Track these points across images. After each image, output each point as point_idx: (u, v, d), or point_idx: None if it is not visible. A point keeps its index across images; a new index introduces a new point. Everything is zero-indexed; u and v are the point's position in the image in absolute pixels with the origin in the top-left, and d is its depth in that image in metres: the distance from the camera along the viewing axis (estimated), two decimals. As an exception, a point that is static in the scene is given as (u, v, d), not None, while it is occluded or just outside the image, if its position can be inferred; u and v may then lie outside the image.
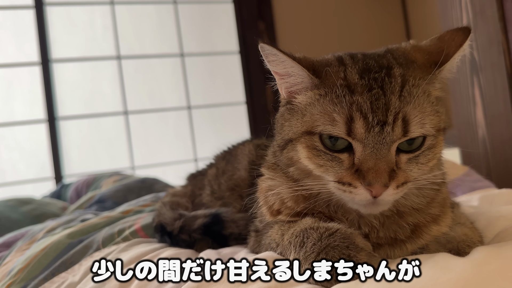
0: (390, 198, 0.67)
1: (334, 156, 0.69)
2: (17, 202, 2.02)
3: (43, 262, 1.13)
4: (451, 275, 0.51)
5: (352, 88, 0.69)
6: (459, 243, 0.73)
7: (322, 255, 0.65)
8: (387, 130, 0.66)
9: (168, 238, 1.08)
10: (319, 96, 0.71)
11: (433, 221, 0.77)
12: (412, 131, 0.68)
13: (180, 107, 3.56)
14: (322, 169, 0.70)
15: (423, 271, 0.55)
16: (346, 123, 0.67)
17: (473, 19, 1.90)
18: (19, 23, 3.22)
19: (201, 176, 1.34)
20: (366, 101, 0.67)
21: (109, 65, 3.41)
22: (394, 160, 0.68)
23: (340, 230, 0.69)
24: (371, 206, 0.69)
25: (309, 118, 0.72)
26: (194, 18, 3.65)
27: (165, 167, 3.42)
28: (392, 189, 0.66)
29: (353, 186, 0.67)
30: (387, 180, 0.65)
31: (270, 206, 0.84)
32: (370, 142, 0.66)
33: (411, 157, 0.69)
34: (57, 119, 3.25)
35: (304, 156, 0.72)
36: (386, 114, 0.66)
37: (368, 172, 0.65)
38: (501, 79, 1.79)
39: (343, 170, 0.69)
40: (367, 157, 0.66)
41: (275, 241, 0.80)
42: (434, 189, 0.77)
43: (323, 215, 0.78)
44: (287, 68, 0.74)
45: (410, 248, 0.76)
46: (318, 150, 0.70)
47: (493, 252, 0.56)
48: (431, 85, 0.73)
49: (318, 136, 0.70)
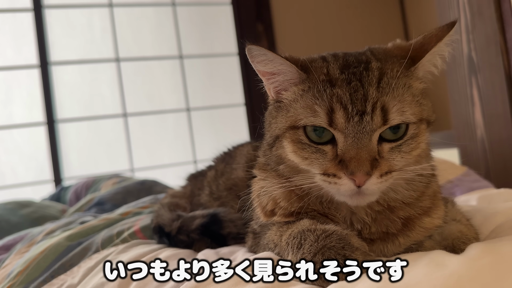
0: (374, 187, 0.69)
1: (318, 148, 0.72)
2: (17, 205, 2.02)
3: (42, 265, 1.13)
4: (445, 271, 0.52)
5: (333, 82, 0.72)
6: (454, 240, 0.74)
7: (319, 255, 0.66)
8: (366, 119, 0.69)
9: (167, 239, 1.08)
10: (302, 92, 0.75)
11: (425, 214, 0.79)
12: (391, 119, 0.70)
13: (179, 109, 3.56)
14: (307, 161, 0.72)
15: (418, 268, 0.56)
16: (327, 114, 0.70)
17: (471, 20, 1.90)
18: (18, 26, 3.23)
19: (201, 177, 1.34)
20: (346, 93, 0.70)
21: (108, 68, 3.41)
22: (375, 149, 0.70)
23: (336, 232, 0.69)
24: (357, 196, 0.70)
25: (293, 113, 0.75)
26: (193, 20, 3.66)
27: (165, 169, 3.42)
28: (376, 178, 0.68)
29: (337, 177, 0.69)
30: (369, 169, 0.67)
31: (263, 207, 0.84)
32: (350, 131, 0.69)
33: (394, 146, 0.71)
34: (56, 121, 3.25)
35: (289, 150, 0.75)
36: (365, 104, 0.69)
37: (350, 161, 0.68)
38: (499, 79, 1.79)
39: (327, 162, 0.71)
40: (349, 147, 0.69)
41: (273, 241, 0.80)
42: (423, 182, 0.79)
43: (318, 213, 0.79)
44: (276, 66, 0.77)
45: (402, 242, 0.77)
46: (302, 144, 0.73)
47: (486, 248, 0.57)
48: (410, 78, 0.75)
49: (302, 130, 0.73)
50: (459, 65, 1.98)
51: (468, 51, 1.93)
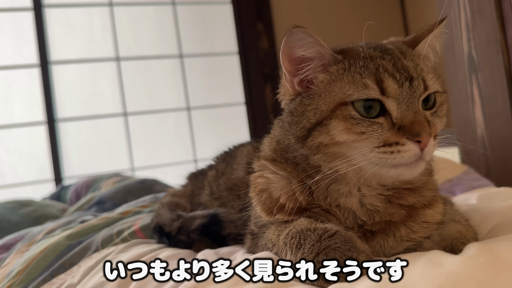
0: (432, 150, 0.71)
1: (372, 122, 0.72)
2: (17, 204, 2.02)
3: (42, 264, 1.13)
4: (442, 270, 0.52)
5: (372, 57, 0.75)
6: (453, 240, 0.74)
7: (322, 256, 0.65)
8: (415, 84, 0.72)
9: (167, 238, 1.08)
10: (343, 71, 0.76)
11: (427, 206, 0.80)
12: (430, 86, 0.74)
13: (179, 108, 3.56)
14: (364, 136, 0.71)
15: (416, 267, 0.56)
16: (378, 84, 0.71)
17: (471, 18, 1.90)
18: (18, 25, 3.23)
19: (202, 176, 1.34)
20: (389, 63, 0.73)
21: (108, 67, 3.41)
22: (424, 112, 0.73)
23: (340, 232, 0.69)
24: (415, 164, 0.71)
25: (339, 90, 0.74)
26: (193, 19, 3.65)
27: (165, 168, 3.42)
28: (433, 140, 0.71)
29: (400, 144, 0.69)
30: (429, 129, 0.70)
31: (270, 203, 0.83)
32: (404, 97, 0.71)
33: (433, 112, 0.75)
34: (57, 121, 3.25)
35: (341, 129, 0.73)
36: (409, 71, 0.73)
37: (413, 125, 0.69)
38: (499, 77, 1.79)
39: (386, 131, 0.71)
40: (405, 112, 0.70)
41: (271, 241, 0.80)
42: (429, 166, 0.82)
43: (321, 209, 0.78)
44: (317, 48, 0.77)
45: (404, 234, 0.76)
46: (355, 119, 0.72)
47: (483, 247, 0.57)
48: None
49: (351, 106, 0.73)
50: (460, 64, 1.98)
51: (468, 50, 1.93)
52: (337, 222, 0.77)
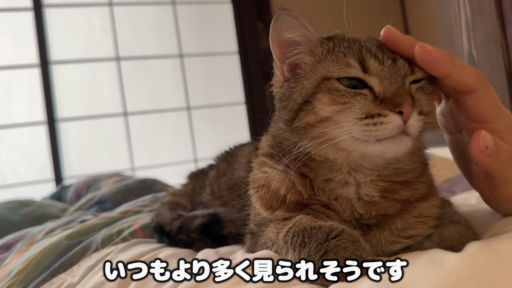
0: (416, 124, 0.71)
1: (356, 92, 0.72)
2: (17, 204, 2.02)
3: (42, 264, 1.13)
4: (443, 270, 0.52)
5: (356, 40, 0.77)
6: (453, 241, 0.73)
7: (331, 255, 0.65)
8: (399, 63, 0.73)
9: (167, 238, 1.08)
10: (327, 51, 0.77)
11: (422, 199, 0.79)
12: (417, 71, 0.74)
13: (179, 108, 3.56)
14: (348, 105, 0.72)
15: (417, 266, 0.55)
16: (360, 63, 0.73)
17: (471, 17, 1.90)
18: (18, 25, 3.23)
19: (203, 175, 1.34)
20: (373, 45, 0.75)
21: (108, 67, 3.42)
22: (408, 88, 0.74)
23: (346, 231, 0.68)
24: (400, 139, 0.71)
25: (323, 68, 0.76)
26: (193, 19, 3.65)
27: (165, 168, 3.42)
28: (416, 114, 0.71)
29: (383, 115, 0.70)
30: (412, 102, 0.70)
31: (269, 197, 0.82)
32: (386, 74, 0.72)
33: (419, 86, 0.75)
34: (57, 120, 3.25)
35: (326, 101, 0.73)
36: (392, 53, 0.75)
37: (395, 97, 0.70)
38: (499, 77, 1.79)
39: (369, 103, 0.71)
40: (388, 86, 0.71)
41: (270, 239, 0.79)
42: (421, 158, 0.82)
43: (321, 205, 0.78)
44: (304, 32, 0.79)
45: (400, 227, 0.76)
46: (339, 90, 0.73)
47: (484, 246, 0.57)
48: None
49: (335, 79, 0.74)
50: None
51: (468, 49, 1.93)
52: (337, 218, 0.76)
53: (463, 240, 0.72)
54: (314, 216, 0.76)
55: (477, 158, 0.68)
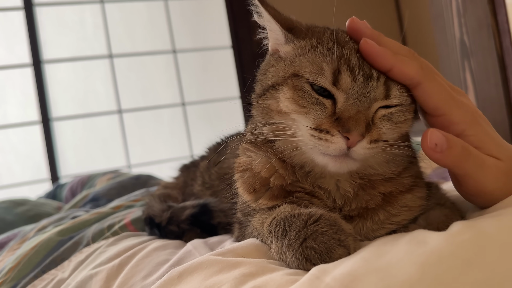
0: (362, 152, 0.69)
1: (319, 100, 0.71)
2: (12, 203, 2.01)
3: (33, 260, 1.13)
4: (426, 248, 0.51)
5: (342, 45, 0.73)
6: (439, 224, 0.72)
7: (310, 241, 0.64)
8: (371, 84, 0.70)
9: (157, 230, 1.08)
10: (310, 47, 0.75)
11: (406, 191, 0.78)
12: (393, 96, 0.71)
13: (174, 104, 3.55)
14: (304, 110, 0.71)
15: (399, 246, 0.55)
16: (333, 73, 0.70)
17: (462, 3, 1.89)
18: (9, 25, 3.22)
19: (194, 167, 1.34)
20: (354, 56, 0.71)
21: (102, 64, 3.40)
22: (371, 116, 0.71)
23: (324, 216, 0.68)
24: (342, 159, 0.70)
25: (298, 64, 0.74)
26: (186, 14, 3.64)
27: (161, 165, 3.41)
28: (366, 143, 0.68)
29: (330, 133, 0.68)
30: (364, 131, 0.68)
31: (252, 180, 0.82)
32: (354, 93, 0.69)
33: (387, 113, 0.72)
34: (51, 120, 3.24)
35: (288, 97, 0.73)
36: (371, 70, 0.70)
37: (349, 120, 0.68)
38: (492, 62, 1.78)
39: (324, 117, 0.70)
40: (349, 107, 0.69)
41: (256, 229, 0.79)
42: (403, 161, 0.79)
43: (304, 193, 0.77)
44: (265, 22, 0.80)
45: (382, 218, 0.76)
46: (304, 92, 0.72)
47: (468, 224, 0.57)
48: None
49: (305, 80, 0.72)
50: (452, 50, 1.97)
51: (460, 35, 1.92)
52: (321, 205, 0.76)
53: (449, 222, 0.71)
54: (299, 204, 0.76)
55: (428, 156, 0.67)
